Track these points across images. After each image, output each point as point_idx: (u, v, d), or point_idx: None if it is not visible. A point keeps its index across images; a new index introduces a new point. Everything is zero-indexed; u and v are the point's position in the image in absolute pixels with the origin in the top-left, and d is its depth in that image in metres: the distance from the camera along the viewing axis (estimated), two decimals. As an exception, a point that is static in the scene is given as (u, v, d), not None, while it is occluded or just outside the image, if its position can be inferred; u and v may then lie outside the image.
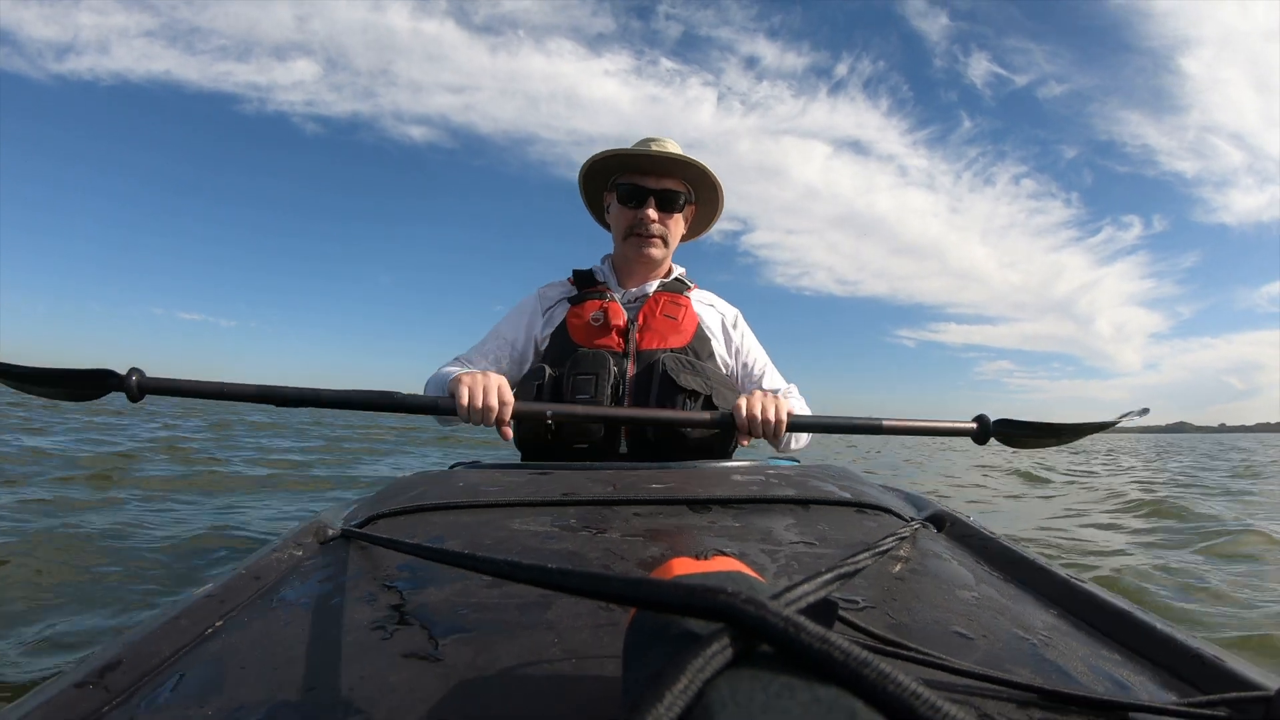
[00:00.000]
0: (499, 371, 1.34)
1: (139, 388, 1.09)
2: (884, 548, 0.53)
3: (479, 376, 1.12)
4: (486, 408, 1.10)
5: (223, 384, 1.12)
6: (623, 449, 1.29)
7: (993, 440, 1.28)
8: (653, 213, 1.39)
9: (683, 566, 0.32)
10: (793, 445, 1.39)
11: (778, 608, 0.23)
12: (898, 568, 0.58)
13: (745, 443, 1.19)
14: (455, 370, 1.25)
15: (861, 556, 0.46)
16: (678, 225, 1.45)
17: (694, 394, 1.25)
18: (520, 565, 0.34)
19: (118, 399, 1.09)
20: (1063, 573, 0.61)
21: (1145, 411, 1.40)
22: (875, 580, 0.54)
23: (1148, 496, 5.38)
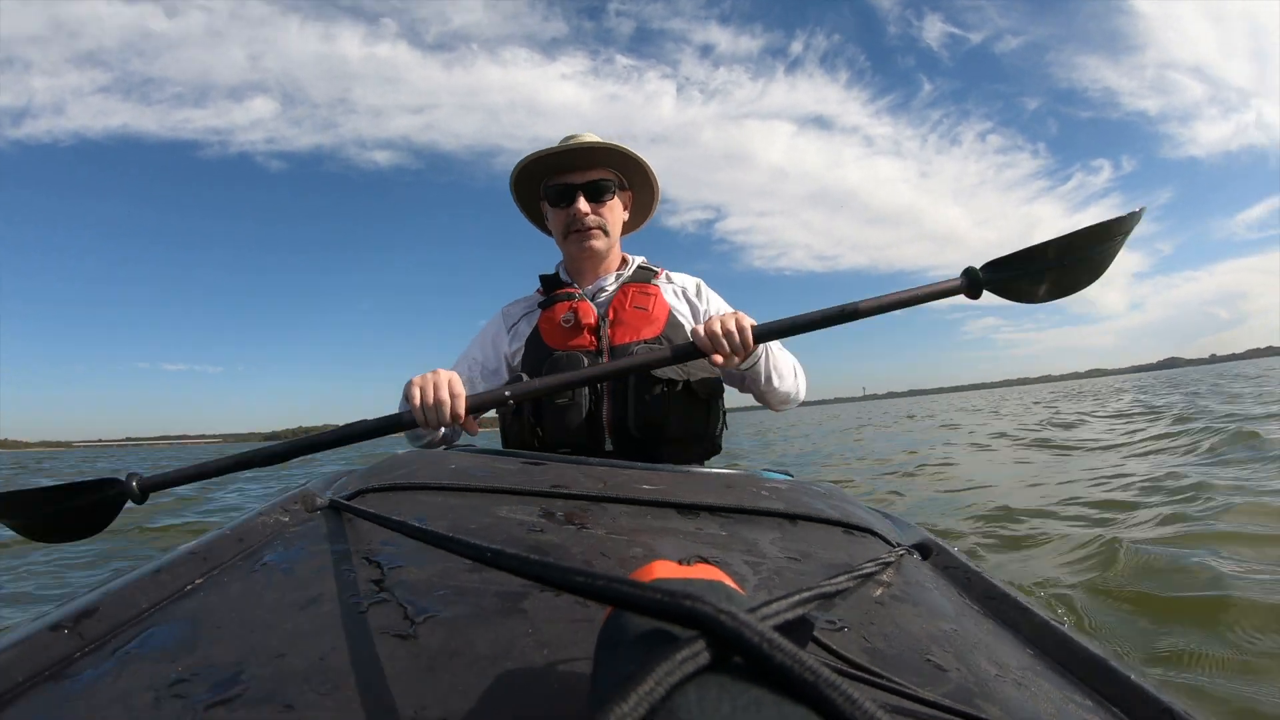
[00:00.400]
0: (471, 389, 1.30)
1: (141, 489, 1.12)
2: (866, 571, 0.53)
3: (428, 375, 1.10)
4: (439, 402, 1.07)
5: (209, 463, 1.15)
6: (608, 446, 1.29)
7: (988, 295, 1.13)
8: (584, 205, 1.37)
9: (664, 570, 0.32)
10: (776, 381, 1.33)
11: (753, 621, 0.23)
12: (879, 592, 0.58)
13: (718, 360, 1.13)
14: None
15: (843, 578, 0.46)
16: (614, 213, 1.43)
17: (671, 382, 1.25)
18: (502, 553, 0.34)
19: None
20: (1042, 613, 0.60)
21: (1144, 209, 1.23)
22: (855, 603, 0.54)
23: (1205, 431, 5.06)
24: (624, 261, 1.49)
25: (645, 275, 1.44)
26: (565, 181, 1.38)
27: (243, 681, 0.36)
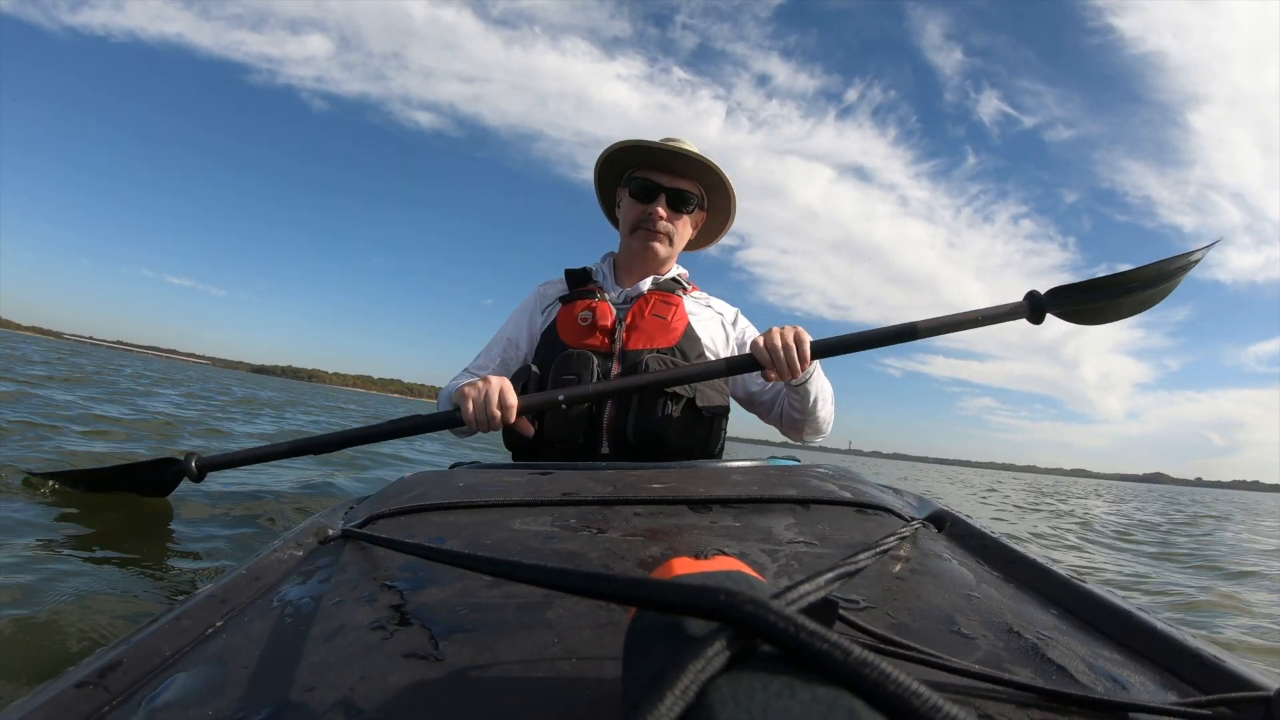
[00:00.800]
0: (506, 373, 1.36)
1: (199, 468, 1.23)
2: (884, 547, 0.53)
3: (479, 385, 1.12)
4: (490, 416, 1.11)
5: (266, 448, 1.26)
6: (605, 449, 1.29)
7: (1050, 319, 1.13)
8: (662, 210, 1.38)
9: (683, 566, 0.32)
10: (819, 405, 1.33)
11: (778, 607, 0.23)
12: (898, 567, 0.58)
13: (772, 377, 1.16)
14: (462, 382, 1.25)
15: (862, 556, 0.46)
16: (685, 227, 1.43)
17: (676, 395, 1.24)
18: (520, 565, 0.34)
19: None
20: (1062, 572, 0.61)
21: (1219, 240, 1.27)
22: (876, 580, 0.54)
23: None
24: (666, 271, 1.49)
25: (673, 286, 1.43)
26: (653, 180, 1.38)
27: (276, 719, 0.36)
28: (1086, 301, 1.14)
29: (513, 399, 1.12)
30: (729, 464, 1.03)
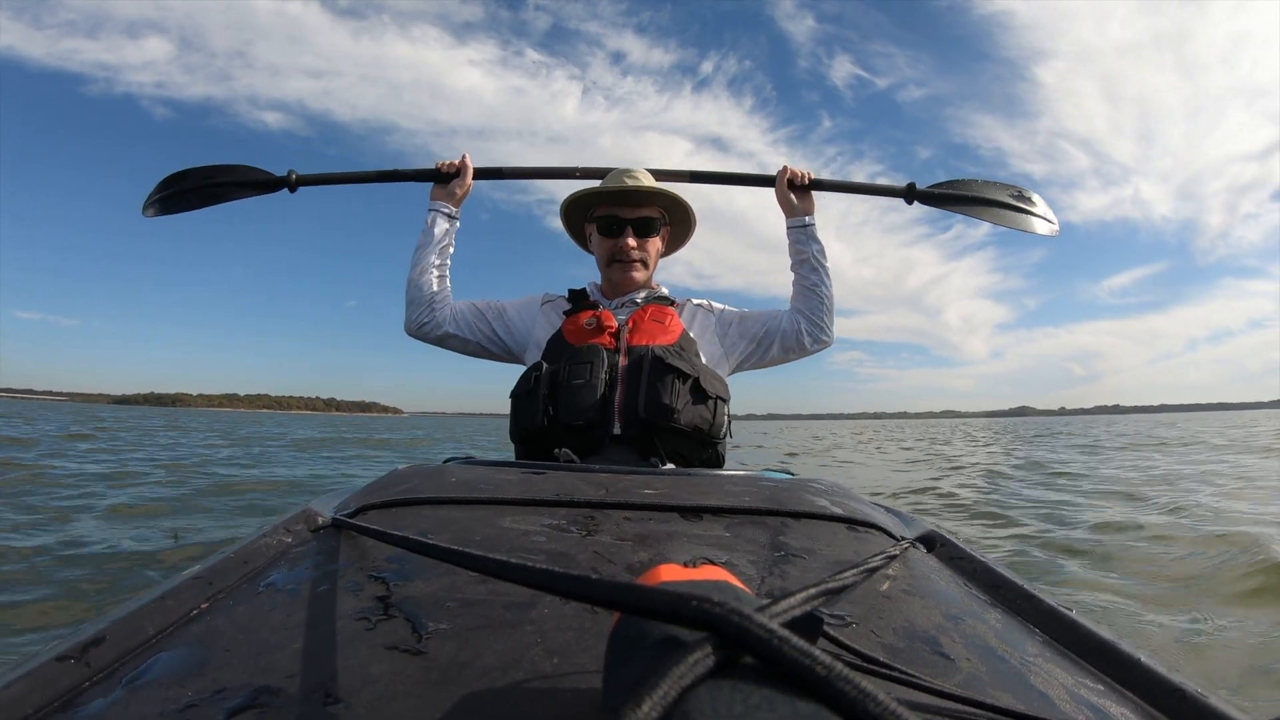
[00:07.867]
0: (473, 314, 1.60)
1: (296, 183, 1.63)
2: (872, 565, 0.53)
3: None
4: (450, 164, 1.57)
5: (354, 173, 1.74)
6: (615, 429, 1.33)
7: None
8: (631, 241, 1.52)
9: (670, 573, 0.32)
10: (824, 259, 1.59)
11: (762, 620, 0.23)
12: (885, 586, 0.58)
13: (784, 191, 1.58)
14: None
15: (849, 573, 0.46)
16: (656, 247, 1.58)
17: (682, 375, 1.32)
18: (508, 564, 0.34)
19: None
20: (1049, 600, 0.60)
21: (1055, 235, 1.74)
22: (862, 598, 0.54)
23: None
24: (652, 286, 1.62)
25: (665, 300, 1.56)
26: (617, 215, 1.52)
27: (255, 704, 0.36)
28: (948, 203, 1.64)
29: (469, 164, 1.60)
30: (723, 473, 1.03)
